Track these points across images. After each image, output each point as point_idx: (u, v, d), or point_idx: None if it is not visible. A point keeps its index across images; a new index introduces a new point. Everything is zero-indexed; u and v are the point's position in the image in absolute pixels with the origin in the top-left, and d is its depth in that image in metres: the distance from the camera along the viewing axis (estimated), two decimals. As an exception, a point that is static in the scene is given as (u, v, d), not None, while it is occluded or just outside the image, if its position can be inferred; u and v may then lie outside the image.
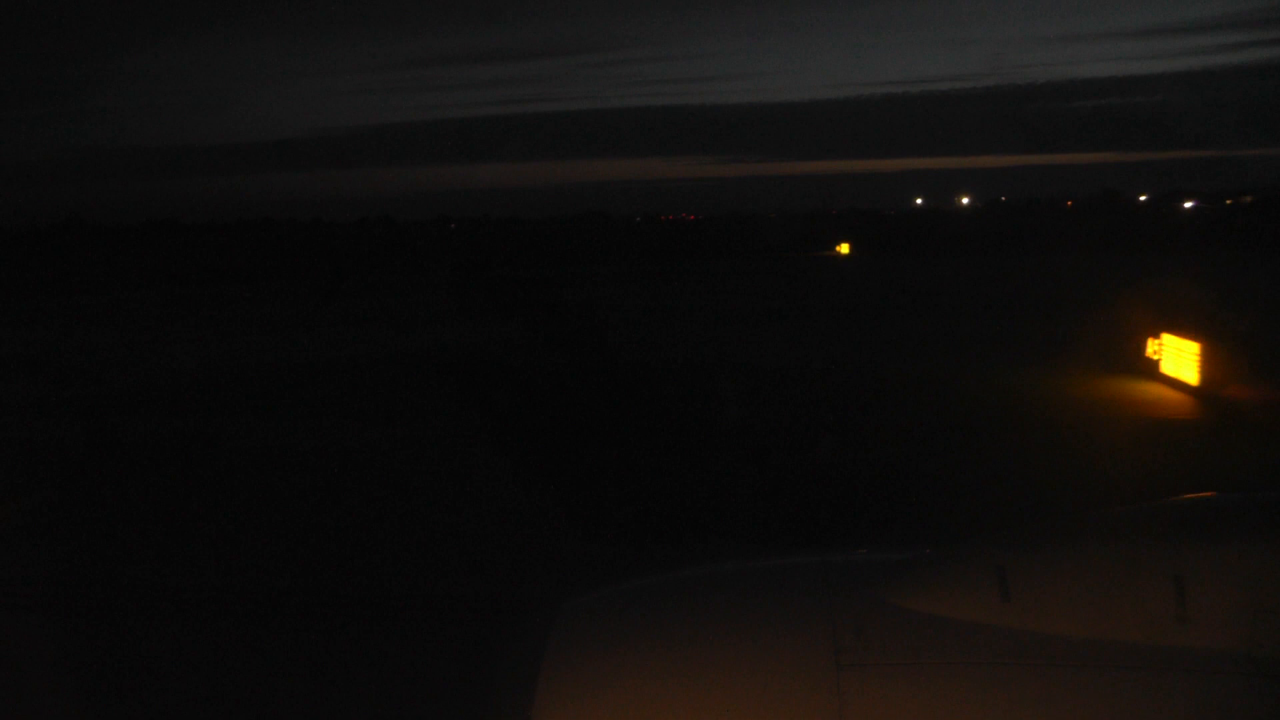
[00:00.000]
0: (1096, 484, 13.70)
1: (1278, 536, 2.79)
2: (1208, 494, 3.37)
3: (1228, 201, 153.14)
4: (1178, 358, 21.94)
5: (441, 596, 10.82)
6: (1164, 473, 14.89)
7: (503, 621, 9.67)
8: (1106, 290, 29.85)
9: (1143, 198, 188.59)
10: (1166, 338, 22.46)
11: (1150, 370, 22.83)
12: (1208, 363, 20.90)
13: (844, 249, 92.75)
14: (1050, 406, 19.73)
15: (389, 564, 11.90)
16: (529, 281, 59.43)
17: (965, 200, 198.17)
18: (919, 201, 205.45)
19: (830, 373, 24.55)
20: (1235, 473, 14.41)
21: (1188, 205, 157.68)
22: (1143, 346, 23.29)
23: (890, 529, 12.31)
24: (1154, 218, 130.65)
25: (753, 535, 12.41)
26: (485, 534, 12.93)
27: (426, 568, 11.71)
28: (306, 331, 37.90)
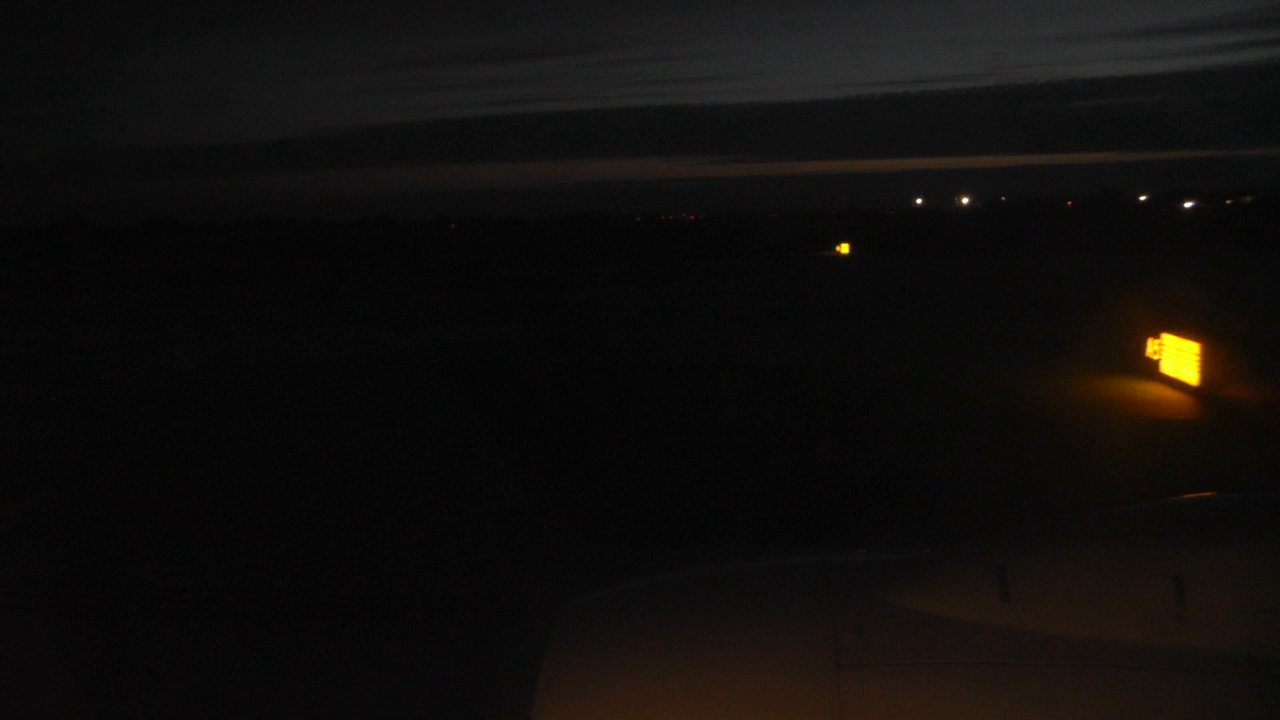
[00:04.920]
0: (1097, 484, 13.70)
1: (1278, 536, 2.79)
2: (1208, 494, 3.37)
3: (1228, 201, 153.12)
4: (1178, 358, 21.94)
5: (441, 596, 10.82)
6: (1164, 473, 14.89)
7: (503, 621, 9.67)
8: (1106, 290, 29.84)
9: (1143, 198, 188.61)
10: (1166, 338, 22.46)
11: (1150, 370, 22.83)
12: (1208, 363, 20.89)
13: (844, 249, 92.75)
14: (1050, 406, 19.72)
15: (389, 564, 11.90)
16: (529, 281, 59.43)
17: (965, 200, 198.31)
18: (919, 201, 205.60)
19: (830, 373, 24.54)
20: (1235, 473, 14.41)
21: (1188, 205, 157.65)
22: (1143, 346, 23.29)
23: (890, 529, 12.31)
24: (1154, 218, 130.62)
25: (753, 535, 12.41)
26: (485, 534, 12.93)
27: (426, 568, 11.71)
28: (306, 331, 37.90)
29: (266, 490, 15.35)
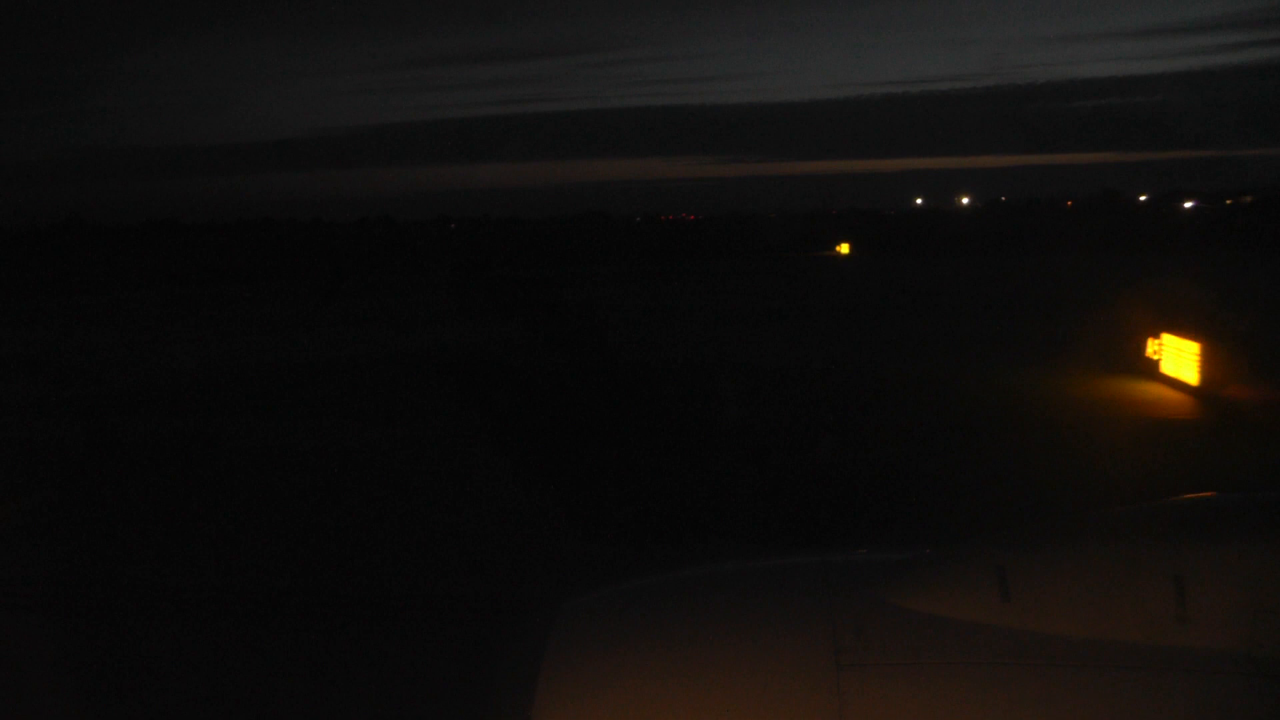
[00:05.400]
0: (1097, 484, 13.70)
1: (1278, 536, 2.79)
2: (1208, 494, 3.37)
3: (1228, 201, 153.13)
4: (1178, 358, 21.94)
5: (441, 596, 10.83)
6: (1164, 473, 14.89)
7: (503, 621, 9.67)
8: (1106, 290, 29.85)
9: (1143, 198, 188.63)
10: (1166, 338, 22.46)
11: (1150, 370, 22.83)
12: (1208, 363, 20.90)
13: (844, 249, 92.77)
14: (1050, 406, 19.72)
15: (389, 564, 11.90)
16: (529, 281, 59.43)
17: (965, 200, 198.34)
18: (919, 201, 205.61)
19: (830, 373, 24.54)
20: (1235, 473, 14.41)
21: (1188, 205, 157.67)
22: (1143, 346, 23.29)
23: (890, 529, 12.31)
24: (1154, 218, 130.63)
25: (753, 535, 12.41)
26: (485, 534, 12.93)
27: (426, 568, 11.71)
28: (306, 331, 37.90)
29: (266, 490, 15.35)
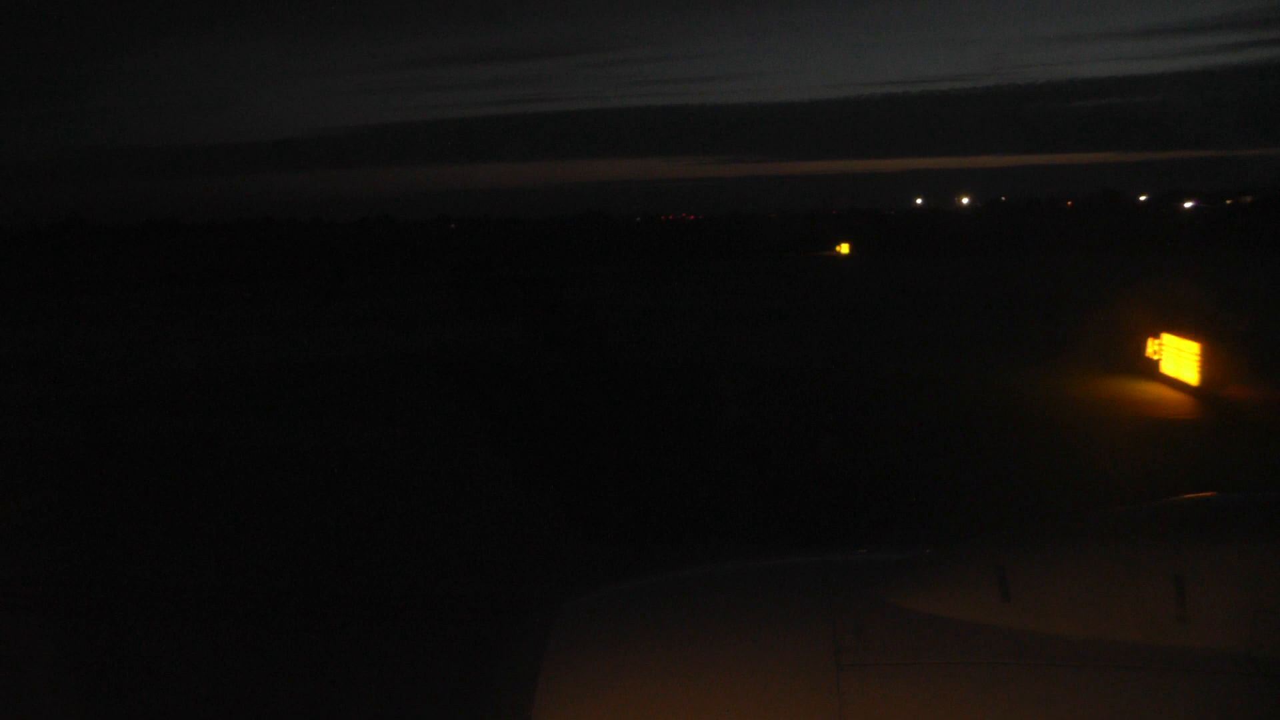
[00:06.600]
0: (1097, 484, 13.70)
1: (1278, 536, 2.79)
2: (1208, 494, 3.37)
3: (1228, 201, 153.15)
4: (1178, 358, 21.94)
5: (441, 596, 10.83)
6: (1164, 473, 14.89)
7: (503, 621, 9.67)
8: (1106, 290, 29.85)
9: (1143, 198, 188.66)
10: (1166, 338, 22.46)
11: (1150, 370, 22.83)
12: (1208, 363, 20.90)
13: (844, 249, 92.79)
14: (1050, 406, 19.72)
15: (389, 564, 11.90)
16: (529, 281, 59.43)
17: (965, 200, 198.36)
18: (919, 201, 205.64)
19: (830, 373, 24.54)
20: (1235, 473, 14.41)
21: (1188, 205, 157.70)
22: (1143, 346, 23.29)
23: (890, 529, 12.31)
24: (1154, 218, 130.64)
25: (753, 535, 12.41)
26: (485, 534, 12.93)
27: (426, 568, 11.71)
28: (306, 331, 37.90)
29: (266, 490, 15.35)
